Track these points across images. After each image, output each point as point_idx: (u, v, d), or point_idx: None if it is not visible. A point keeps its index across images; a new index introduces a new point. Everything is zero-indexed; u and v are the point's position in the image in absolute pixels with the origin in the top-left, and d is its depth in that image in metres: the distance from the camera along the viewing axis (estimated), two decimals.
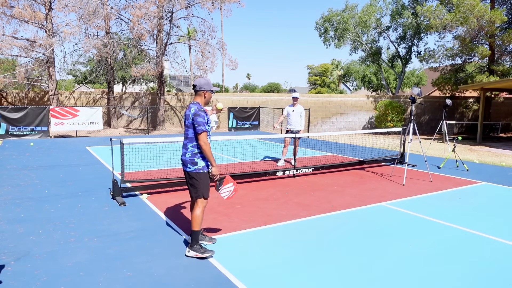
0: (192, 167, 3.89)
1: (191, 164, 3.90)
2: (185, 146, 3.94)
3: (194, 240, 3.90)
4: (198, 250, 3.87)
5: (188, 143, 3.91)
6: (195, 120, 3.80)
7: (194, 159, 3.89)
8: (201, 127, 3.78)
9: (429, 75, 35.38)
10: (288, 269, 3.66)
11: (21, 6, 16.30)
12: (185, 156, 3.92)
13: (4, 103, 18.45)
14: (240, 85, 72.00)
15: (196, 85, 3.94)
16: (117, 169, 7.85)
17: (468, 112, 24.06)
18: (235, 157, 10.54)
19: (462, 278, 3.54)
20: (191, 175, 3.91)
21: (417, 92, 7.97)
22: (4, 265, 3.61)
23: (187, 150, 3.91)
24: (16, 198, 6.01)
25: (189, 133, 3.90)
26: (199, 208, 3.94)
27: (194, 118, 3.81)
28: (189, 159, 3.90)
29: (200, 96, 3.99)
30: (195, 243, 3.90)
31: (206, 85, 3.96)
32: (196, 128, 3.80)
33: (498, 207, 6.01)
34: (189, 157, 3.90)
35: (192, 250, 3.87)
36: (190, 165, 3.90)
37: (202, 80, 3.97)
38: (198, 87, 3.94)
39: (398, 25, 24.81)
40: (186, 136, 3.94)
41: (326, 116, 22.86)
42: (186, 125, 3.93)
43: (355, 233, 4.69)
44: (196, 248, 3.88)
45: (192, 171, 3.90)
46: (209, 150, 3.84)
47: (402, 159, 9.54)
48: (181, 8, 18.56)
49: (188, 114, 3.88)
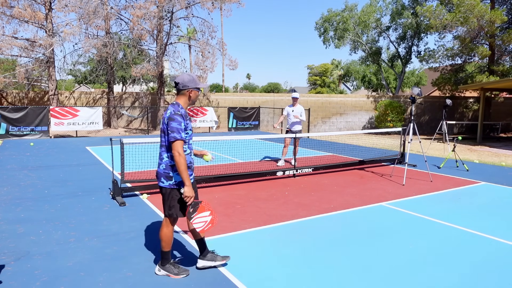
0: (166, 181, 3.26)
1: (166, 178, 3.26)
2: (160, 156, 3.31)
3: (164, 259, 3.44)
4: (170, 270, 3.43)
5: (164, 152, 3.27)
6: (169, 125, 3.14)
7: (169, 172, 3.25)
8: (174, 134, 3.11)
9: (429, 75, 35.39)
10: (288, 269, 3.66)
11: (21, 6, 16.29)
12: (159, 168, 3.29)
13: (4, 103, 18.45)
14: (240, 85, 71.98)
15: (179, 83, 3.26)
16: (117, 169, 7.85)
17: (468, 112, 24.06)
18: (235, 157, 10.54)
19: (462, 278, 3.54)
20: (167, 191, 3.28)
21: (417, 92, 7.97)
22: (4, 265, 3.61)
23: (161, 160, 3.28)
24: (16, 198, 6.01)
25: (164, 140, 3.25)
26: (167, 227, 3.37)
27: (168, 122, 3.15)
28: (163, 171, 3.27)
29: (184, 96, 3.31)
30: (166, 262, 3.44)
31: (191, 82, 3.27)
32: (169, 135, 3.14)
33: (498, 207, 6.00)
34: (163, 169, 3.26)
35: (163, 270, 3.44)
36: (164, 180, 3.27)
37: (186, 77, 3.27)
38: (181, 85, 3.26)
39: (398, 25, 24.81)
40: (161, 144, 3.29)
41: (326, 116, 22.85)
42: (162, 130, 3.26)
43: (355, 233, 4.69)
44: (168, 268, 3.43)
45: (166, 186, 3.27)
46: (183, 164, 3.09)
47: (402, 159, 9.54)
48: (181, 8, 18.55)
49: (164, 117, 3.23)
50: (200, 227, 3.29)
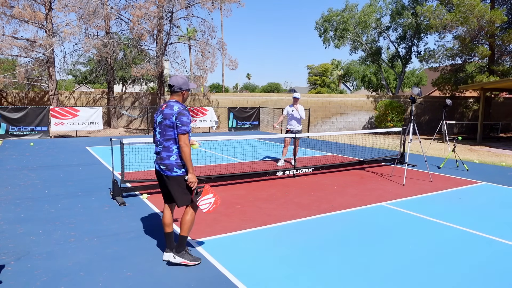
0: (179, 170, 3.61)
1: (178, 167, 3.61)
2: (169, 149, 3.62)
3: (182, 246, 3.69)
4: (186, 257, 3.67)
5: (172, 145, 3.62)
6: (180, 119, 3.54)
7: (181, 161, 3.61)
8: (185, 127, 3.54)
9: (429, 75, 35.38)
10: (288, 269, 3.66)
11: (21, 6, 16.28)
12: (170, 160, 3.60)
13: (4, 103, 18.45)
14: (240, 85, 71.97)
15: (174, 86, 3.67)
16: (117, 169, 7.85)
17: (468, 112, 24.06)
18: (235, 157, 10.54)
19: (462, 278, 3.54)
20: (179, 179, 3.61)
21: (417, 92, 7.97)
22: (4, 265, 3.61)
23: (171, 152, 3.61)
24: (16, 198, 6.01)
25: (173, 134, 3.60)
26: (192, 214, 3.70)
27: (178, 117, 3.55)
28: (175, 162, 3.61)
29: (179, 96, 3.73)
30: (182, 249, 3.69)
31: (185, 84, 3.71)
32: (179, 128, 3.54)
33: (498, 207, 6.00)
34: (175, 160, 3.61)
35: (179, 257, 3.66)
36: (177, 169, 3.60)
37: (180, 80, 3.69)
38: (176, 87, 3.68)
39: (398, 25, 24.81)
40: (169, 138, 3.61)
41: (326, 116, 22.85)
42: (167, 125, 3.59)
43: (355, 233, 4.69)
44: (184, 255, 3.68)
45: (180, 174, 3.61)
46: (189, 153, 3.55)
47: (402, 159, 9.54)
48: (181, 8, 18.56)
49: (170, 114, 3.58)
50: (205, 208, 3.64)
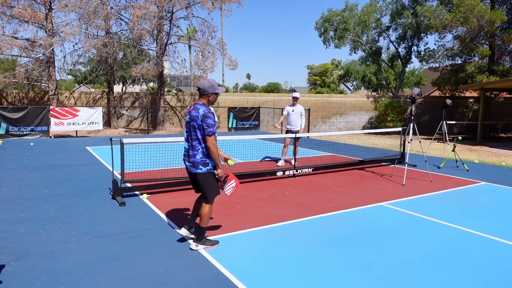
0: (204, 167, 3.97)
1: (203, 165, 3.97)
2: (195, 148, 3.97)
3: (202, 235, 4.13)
4: (207, 243, 4.14)
5: (198, 144, 3.96)
6: (205, 122, 3.85)
7: (206, 159, 3.98)
8: (211, 129, 3.86)
9: (429, 75, 35.37)
10: (288, 269, 3.66)
11: (21, 6, 16.28)
12: (195, 158, 3.97)
13: (4, 103, 18.45)
14: (240, 85, 71.97)
15: (201, 88, 4.02)
16: (117, 169, 7.85)
17: (468, 112, 24.05)
18: (235, 157, 10.53)
19: (462, 278, 3.54)
20: (205, 176, 4.00)
21: (417, 92, 7.97)
22: (4, 265, 3.61)
23: (197, 151, 3.96)
24: (16, 198, 6.01)
25: (198, 135, 3.93)
26: (210, 207, 4.09)
27: (203, 120, 3.85)
28: (200, 160, 3.97)
29: (205, 98, 4.05)
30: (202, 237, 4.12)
31: (210, 88, 4.01)
32: (205, 130, 3.86)
33: (498, 207, 6.01)
34: (201, 158, 3.97)
35: (201, 244, 4.10)
36: (202, 166, 3.97)
37: (206, 83, 4.02)
38: (202, 90, 4.02)
39: (398, 25, 24.78)
40: (195, 138, 3.96)
41: (326, 116, 22.85)
42: (193, 126, 3.93)
43: (355, 233, 4.69)
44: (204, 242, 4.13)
45: (205, 172, 3.98)
46: (217, 153, 3.95)
47: (402, 159, 9.54)
48: (181, 8, 18.56)
49: (196, 116, 3.90)
50: (230, 192, 4.21)
